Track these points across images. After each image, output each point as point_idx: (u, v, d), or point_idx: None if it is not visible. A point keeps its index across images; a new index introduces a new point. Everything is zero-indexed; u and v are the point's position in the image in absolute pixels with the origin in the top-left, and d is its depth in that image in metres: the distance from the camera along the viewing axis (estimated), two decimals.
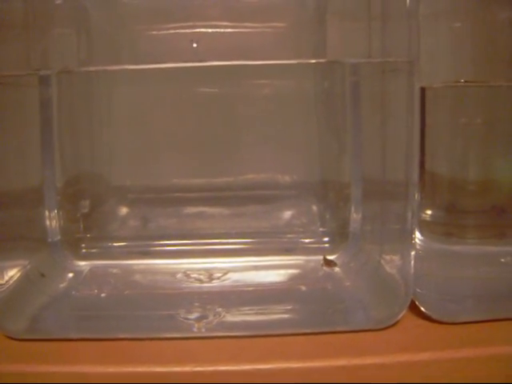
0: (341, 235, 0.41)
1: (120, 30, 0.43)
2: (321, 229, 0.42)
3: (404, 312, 0.32)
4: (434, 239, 0.37)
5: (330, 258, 0.40)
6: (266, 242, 0.42)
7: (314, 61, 0.42)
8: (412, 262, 0.32)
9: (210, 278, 0.38)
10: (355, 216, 0.40)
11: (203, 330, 0.33)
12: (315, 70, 0.43)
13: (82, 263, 0.40)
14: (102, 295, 0.37)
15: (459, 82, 0.36)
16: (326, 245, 0.41)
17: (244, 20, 0.43)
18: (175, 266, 0.40)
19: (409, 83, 0.31)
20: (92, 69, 0.42)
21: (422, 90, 0.32)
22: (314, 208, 0.44)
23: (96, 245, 0.42)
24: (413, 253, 0.32)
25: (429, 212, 0.38)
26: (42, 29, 0.41)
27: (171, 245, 0.42)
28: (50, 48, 0.41)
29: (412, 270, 0.32)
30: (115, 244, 0.42)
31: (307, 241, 0.42)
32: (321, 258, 0.40)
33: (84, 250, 0.41)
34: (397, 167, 0.33)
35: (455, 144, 0.37)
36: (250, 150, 0.44)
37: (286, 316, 0.34)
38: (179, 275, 0.39)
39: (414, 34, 0.30)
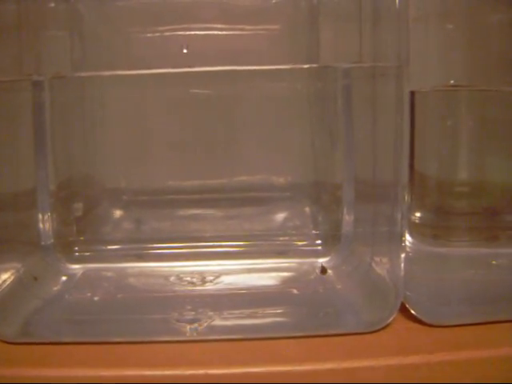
0: (333, 238, 0.41)
1: (114, 32, 0.43)
2: (313, 231, 0.43)
3: (394, 315, 0.32)
4: (425, 242, 0.37)
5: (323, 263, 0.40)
6: (259, 245, 0.42)
7: (305, 66, 0.42)
8: (402, 265, 0.32)
9: (203, 281, 0.38)
10: (347, 218, 0.40)
11: (195, 333, 0.33)
12: (309, 73, 0.43)
13: (76, 266, 0.40)
14: (95, 299, 0.37)
15: (448, 85, 0.37)
16: (319, 247, 0.42)
17: (238, 22, 0.43)
18: (168, 269, 0.40)
19: (398, 87, 0.31)
20: (84, 74, 0.42)
21: (412, 93, 0.32)
22: (307, 210, 0.44)
23: (89, 248, 0.42)
24: (403, 255, 0.32)
25: (419, 214, 0.38)
26: (36, 32, 0.41)
27: (165, 248, 0.42)
28: (44, 51, 0.41)
29: (402, 273, 0.32)
30: (108, 247, 0.42)
31: (300, 243, 0.42)
32: (313, 260, 0.40)
33: (77, 254, 0.41)
34: (387, 169, 0.33)
35: (445, 146, 0.37)
36: (243, 151, 0.44)
37: (277, 319, 0.34)
38: (172, 278, 0.39)
39: (404, 37, 0.30)
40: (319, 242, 0.42)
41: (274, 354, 0.31)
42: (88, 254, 0.41)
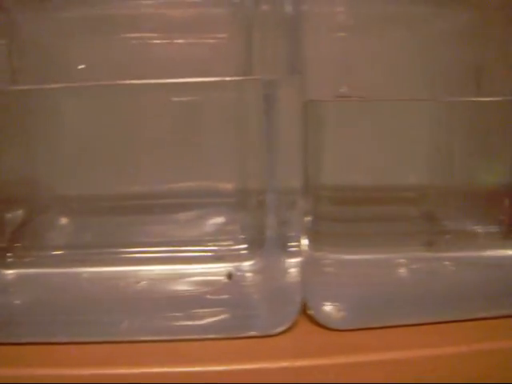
0: (258, 242, 0.42)
1: (54, 42, 0.44)
2: (240, 236, 0.43)
3: (294, 319, 0.33)
4: (325, 247, 0.37)
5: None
6: (187, 250, 0.43)
7: (214, 79, 0.42)
8: (298, 270, 0.33)
9: (127, 286, 0.40)
10: (270, 222, 0.41)
11: (115, 336, 0.34)
12: (239, 83, 0.44)
13: (8, 272, 0.41)
14: (17, 302, 0.38)
15: (343, 96, 0.37)
16: (244, 251, 0.42)
17: (177, 32, 0.44)
18: (101, 275, 0.41)
19: (292, 97, 0.32)
20: (25, 87, 0.43)
21: (309, 103, 0.33)
22: (236, 216, 0.45)
23: (24, 254, 0.43)
24: (298, 260, 0.33)
25: (315, 220, 0.38)
26: None
27: (98, 253, 0.43)
28: None
29: (299, 278, 0.33)
30: (41, 253, 0.43)
31: (228, 248, 0.43)
32: (236, 264, 0.41)
33: (10, 260, 0.42)
34: (283, 176, 0.34)
35: (339, 154, 0.38)
36: (178, 159, 0.45)
37: (184, 323, 0.35)
38: (105, 282, 0.40)
39: (296, 48, 0.31)
40: (245, 246, 0.43)
41: (177, 356, 0.32)
42: (22, 260, 0.42)
